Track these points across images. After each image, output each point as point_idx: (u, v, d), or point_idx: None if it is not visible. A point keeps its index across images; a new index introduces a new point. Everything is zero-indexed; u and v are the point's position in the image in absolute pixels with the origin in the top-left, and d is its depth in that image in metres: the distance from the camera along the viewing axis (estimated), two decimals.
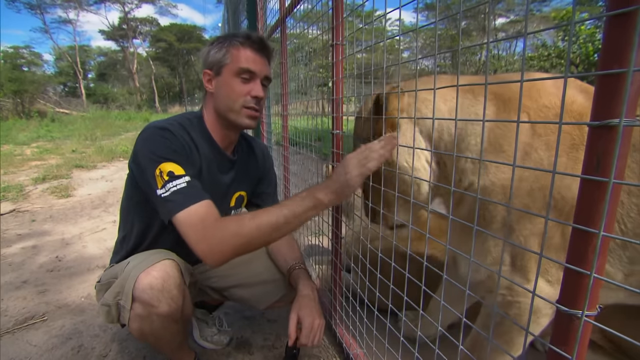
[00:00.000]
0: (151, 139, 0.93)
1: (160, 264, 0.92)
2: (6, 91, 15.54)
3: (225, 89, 1.00)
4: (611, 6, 0.35)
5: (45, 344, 1.37)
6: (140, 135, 0.95)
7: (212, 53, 1.01)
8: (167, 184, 0.87)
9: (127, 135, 10.49)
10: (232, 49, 0.99)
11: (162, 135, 0.93)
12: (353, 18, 1.06)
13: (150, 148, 0.91)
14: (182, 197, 0.86)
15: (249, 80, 1.00)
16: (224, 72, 1.00)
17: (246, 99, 1.00)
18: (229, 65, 0.99)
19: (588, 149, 0.38)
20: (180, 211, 0.84)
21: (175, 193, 0.86)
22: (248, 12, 2.56)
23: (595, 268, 0.39)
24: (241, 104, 1.00)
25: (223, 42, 1.01)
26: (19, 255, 2.22)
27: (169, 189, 0.86)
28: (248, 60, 0.99)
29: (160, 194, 0.87)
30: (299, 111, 1.93)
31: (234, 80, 0.99)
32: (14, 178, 4.46)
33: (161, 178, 0.87)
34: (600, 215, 0.38)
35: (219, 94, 1.02)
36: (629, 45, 0.34)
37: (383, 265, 0.95)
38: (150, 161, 0.90)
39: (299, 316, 1.00)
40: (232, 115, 1.02)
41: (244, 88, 1.00)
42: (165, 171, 0.88)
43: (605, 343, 1.16)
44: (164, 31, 36.14)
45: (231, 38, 1.02)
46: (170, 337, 1.01)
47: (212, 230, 0.83)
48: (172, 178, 0.87)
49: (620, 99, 0.35)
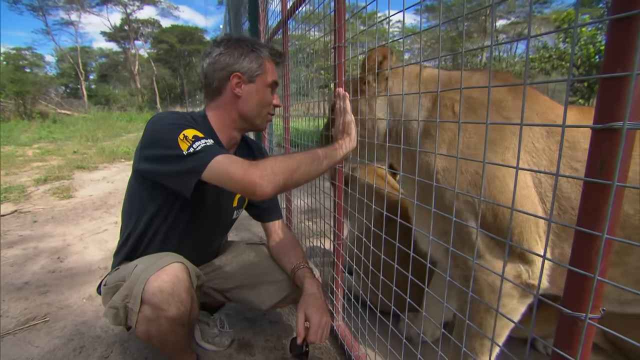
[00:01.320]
0: (167, 118, 0.96)
1: (170, 267, 0.92)
2: (8, 92, 15.59)
3: (257, 97, 1.07)
4: (615, 9, 0.36)
5: (47, 345, 1.37)
6: (151, 121, 0.97)
7: (246, 60, 1.04)
8: (195, 142, 0.88)
9: (128, 137, 10.51)
10: (267, 62, 1.07)
11: (176, 114, 0.99)
12: (355, 20, 1.06)
13: (168, 122, 0.94)
14: (214, 148, 0.88)
15: (273, 91, 1.11)
16: (258, 81, 1.06)
17: (271, 107, 1.12)
18: (262, 76, 1.06)
19: (591, 151, 0.39)
20: (217, 156, 0.85)
21: (206, 147, 0.87)
22: (250, 14, 2.57)
23: (599, 271, 0.39)
24: (267, 111, 1.12)
25: (254, 50, 1.05)
26: (21, 256, 2.22)
27: (199, 145, 0.87)
28: (274, 73, 1.10)
29: (190, 152, 0.86)
30: (299, 112, 1.94)
31: (266, 91, 1.09)
32: (16, 179, 4.47)
33: (187, 140, 0.88)
34: (604, 218, 0.38)
35: (248, 100, 1.07)
36: (633, 48, 0.35)
37: (385, 266, 0.95)
38: (171, 131, 0.90)
39: (306, 314, 1.02)
40: (258, 121, 1.11)
41: (271, 98, 1.11)
42: (190, 135, 0.89)
43: (607, 345, 1.16)
44: (165, 33, 36.27)
45: (261, 48, 1.07)
46: (175, 340, 1.02)
47: (255, 165, 0.84)
48: (197, 139, 0.89)
49: (623, 102, 0.35)
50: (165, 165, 0.90)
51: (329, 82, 2.62)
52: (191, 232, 1.13)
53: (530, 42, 0.45)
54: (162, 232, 1.09)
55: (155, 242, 1.10)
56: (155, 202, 1.05)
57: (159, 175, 0.95)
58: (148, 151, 0.95)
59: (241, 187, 0.84)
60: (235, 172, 0.83)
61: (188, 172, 0.87)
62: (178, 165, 0.88)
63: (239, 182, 0.83)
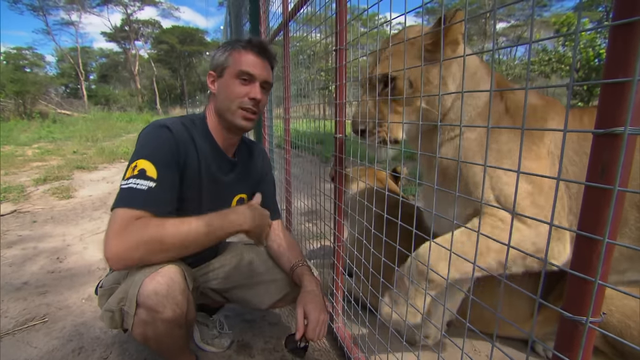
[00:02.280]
0: (145, 135, 0.98)
1: (165, 269, 0.92)
2: (8, 92, 15.58)
3: (225, 90, 1.05)
4: (616, 16, 0.36)
5: (46, 346, 1.37)
6: (142, 130, 1.00)
7: (217, 56, 1.07)
8: (131, 178, 0.90)
9: (128, 137, 10.51)
10: (234, 52, 1.04)
11: (157, 133, 0.97)
12: (357, 22, 1.06)
13: (141, 142, 0.96)
14: (129, 197, 0.89)
15: (248, 82, 1.04)
16: (226, 74, 1.05)
17: (243, 100, 1.04)
18: (230, 67, 1.04)
19: (593, 156, 0.39)
20: (117, 207, 0.88)
21: (129, 190, 0.89)
22: (251, 16, 2.58)
23: (600, 274, 0.39)
24: (238, 104, 1.04)
25: (227, 46, 1.07)
26: (20, 256, 2.22)
27: (128, 183, 0.90)
28: (248, 63, 1.04)
29: (122, 184, 0.91)
30: (299, 114, 1.94)
31: (234, 82, 1.04)
32: (15, 179, 4.46)
33: (132, 171, 0.91)
34: (605, 223, 0.38)
35: (219, 95, 1.07)
36: (634, 54, 0.35)
37: (386, 269, 0.96)
38: (135, 153, 0.94)
39: (305, 311, 1.02)
40: (229, 115, 1.06)
41: (242, 89, 1.04)
42: (139, 167, 0.91)
43: (607, 348, 1.16)
44: (165, 33, 36.31)
45: (235, 42, 1.07)
46: (173, 342, 1.01)
47: (126, 234, 0.85)
48: (139, 176, 0.91)
49: (625, 108, 0.36)
50: None
51: (328, 83, 2.62)
52: None
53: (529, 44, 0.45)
54: None
55: None
56: None
57: None
58: None
59: (104, 252, 0.86)
60: (107, 232, 0.86)
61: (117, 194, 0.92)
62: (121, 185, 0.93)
63: (104, 245, 0.86)
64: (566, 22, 8.87)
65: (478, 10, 21.72)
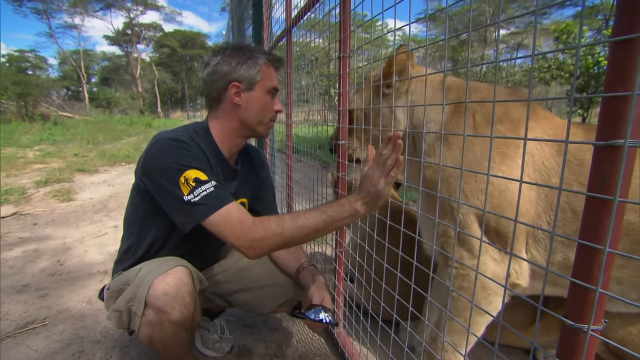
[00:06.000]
0: (168, 150, 0.94)
1: (174, 270, 0.93)
2: (10, 94, 15.63)
3: (257, 104, 1.06)
4: (616, 32, 0.37)
5: (46, 349, 1.37)
6: (153, 147, 0.95)
7: (243, 68, 1.03)
8: (196, 189, 0.89)
9: (129, 140, 10.54)
10: (264, 67, 1.05)
11: (179, 145, 0.94)
12: (361, 29, 1.08)
13: (169, 158, 0.92)
14: (214, 200, 0.89)
15: (274, 96, 1.10)
16: (257, 88, 1.05)
17: (272, 114, 1.11)
18: (261, 82, 1.05)
19: (593, 168, 0.40)
20: (215, 212, 0.88)
21: (206, 197, 0.89)
22: (254, 22, 2.60)
23: (601, 283, 0.40)
24: (269, 118, 1.10)
25: (248, 56, 1.03)
26: (20, 259, 2.22)
27: (199, 194, 0.89)
28: (274, 78, 1.08)
29: (189, 199, 0.89)
30: (300, 119, 1.95)
31: (266, 97, 1.07)
32: (16, 181, 4.47)
33: (187, 185, 0.90)
34: (606, 232, 0.39)
35: (249, 108, 1.06)
36: (634, 69, 0.36)
37: (388, 275, 0.96)
38: (173, 170, 0.91)
39: (324, 297, 1.07)
40: (260, 128, 1.10)
41: (272, 104, 1.09)
42: (191, 178, 0.90)
43: (608, 355, 1.16)
44: (167, 37, 36.55)
45: (257, 54, 1.05)
46: (177, 345, 1.01)
47: (253, 228, 0.88)
48: (199, 184, 0.90)
49: (625, 121, 0.37)
50: (166, 200, 0.94)
51: (329, 89, 2.62)
52: (193, 240, 1.13)
53: (530, 52, 0.46)
54: (164, 240, 1.09)
55: (157, 250, 1.10)
56: (156, 213, 1.05)
57: (159, 202, 0.97)
58: (150, 176, 0.96)
59: (234, 246, 0.89)
60: (230, 234, 0.88)
61: (187, 216, 0.91)
62: (178, 206, 0.91)
63: (231, 243, 0.89)
64: (566, 29, 8.93)
65: (478, 17, 21.96)
